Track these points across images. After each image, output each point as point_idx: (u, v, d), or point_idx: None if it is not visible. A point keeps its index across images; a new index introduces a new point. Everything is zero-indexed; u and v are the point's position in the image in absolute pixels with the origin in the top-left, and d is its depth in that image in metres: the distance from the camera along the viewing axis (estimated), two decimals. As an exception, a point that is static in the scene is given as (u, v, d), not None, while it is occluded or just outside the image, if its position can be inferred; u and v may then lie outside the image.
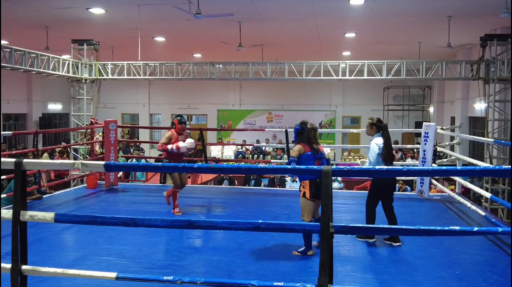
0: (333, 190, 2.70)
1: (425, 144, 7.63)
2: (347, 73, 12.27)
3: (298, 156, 4.64)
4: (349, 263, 4.47)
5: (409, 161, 15.32)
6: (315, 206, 4.54)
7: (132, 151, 16.14)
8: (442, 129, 8.37)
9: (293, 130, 4.99)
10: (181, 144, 6.38)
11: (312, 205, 4.55)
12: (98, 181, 8.62)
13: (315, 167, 2.59)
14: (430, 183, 8.17)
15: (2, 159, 2.87)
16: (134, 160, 13.32)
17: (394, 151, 5.97)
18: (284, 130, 8.66)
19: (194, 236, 5.36)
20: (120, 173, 11.49)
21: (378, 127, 5.24)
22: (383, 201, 5.28)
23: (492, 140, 8.17)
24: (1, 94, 9.38)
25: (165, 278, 2.79)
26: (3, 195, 6.46)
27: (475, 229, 2.51)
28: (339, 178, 13.79)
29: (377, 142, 5.15)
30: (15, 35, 13.45)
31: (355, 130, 12.08)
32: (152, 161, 14.17)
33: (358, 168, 2.64)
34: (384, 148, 5.06)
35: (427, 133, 7.62)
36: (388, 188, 5.22)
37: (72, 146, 12.26)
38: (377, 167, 3.22)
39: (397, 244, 4.99)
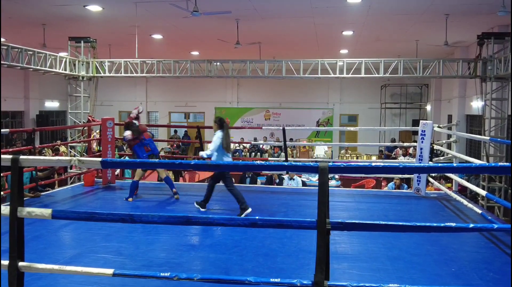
0: (329, 188, 2.71)
1: (422, 142, 7.64)
2: (345, 71, 12.28)
3: None
4: (345, 260, 4.48)
5: (401, 158, 15.33)
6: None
7: (125, 148, 16.05)
8: (439, 127, 8.39)
9: (291, 128, 5.06)
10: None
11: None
12: (96, 179, 8.60)
13: (311, 164, 2.60)
14: (427, 181, 8.18)
15: (-1, 156, 2.86)
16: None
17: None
18: (281, 128, 8.65)
19: (192, 234, 5.37)
20: (118, 171, 11.47)
21: (219, 124, 6.42)
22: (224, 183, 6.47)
23: (488, 138, 8.19)
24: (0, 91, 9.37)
25: (162, 274, 2.79)
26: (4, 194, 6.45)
27: (471, 225, 2.52)
28: (336, 176, 13.82)
29: (219, 135, 6.34)
30: (12, 32, 13.41)
31: (352, 128, 12.08)
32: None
33: (355, 165, 2.65)
34: (225, 141, 6.34)
35: (424, 131, 7.63)
36: (221, 177, 6.46)
37: (69, 144, 12.24)
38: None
39: (203, 209, 6.38)
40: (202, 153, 6.53)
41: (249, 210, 6.18)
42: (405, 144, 11.48)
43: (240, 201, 6.25)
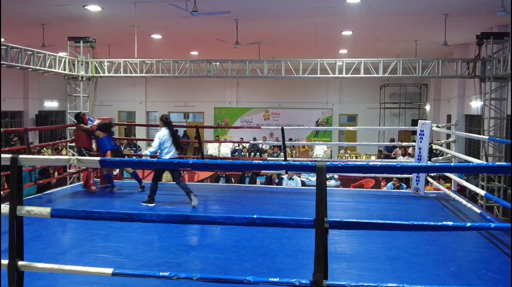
0: (328, 188, 2.72)
1: (421, 142, 7.64)
2: (344, 71, 12.26)
3: None
4: (344, 260, 4.49)
5: (400, 158, 15.34)
6: None
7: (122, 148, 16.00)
8: (437, 127, 8.40)
9: (290, 128, 5.08)
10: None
11: None
12: (94, 179, 8.60)
13: (309, 163, 2.60)
14: (426, 180, 8.19)
15: (-2, 155, 2.87)
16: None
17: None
18: (280, 127, 8.66)
19: (191, 234, 5.38)
20: (117, 171, 11.47)
21: (164, 122, 6.70)
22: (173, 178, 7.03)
23: (487, 137, 8.20)
24: (-1, 91, 9.37)
25: (161, 274, 2.80)
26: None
27: (468, 224, 2.53)
28: (336, 176, 13.82)
29: (160, 133, 6.60)
30: (12, 32, 13.40)
31: (351, 128, 12.08)
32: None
33: (353, 164, 2.66)
34: (172, 138, 6.61)
35: (423, 131, 7.64)
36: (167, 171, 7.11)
37: (69, 144, 12.24)
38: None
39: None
40: (146, 151, 6.79)
41: (152, 205, 6.65)
42: (404, 143, 11.49)
43: (152, 192, 6.70)
